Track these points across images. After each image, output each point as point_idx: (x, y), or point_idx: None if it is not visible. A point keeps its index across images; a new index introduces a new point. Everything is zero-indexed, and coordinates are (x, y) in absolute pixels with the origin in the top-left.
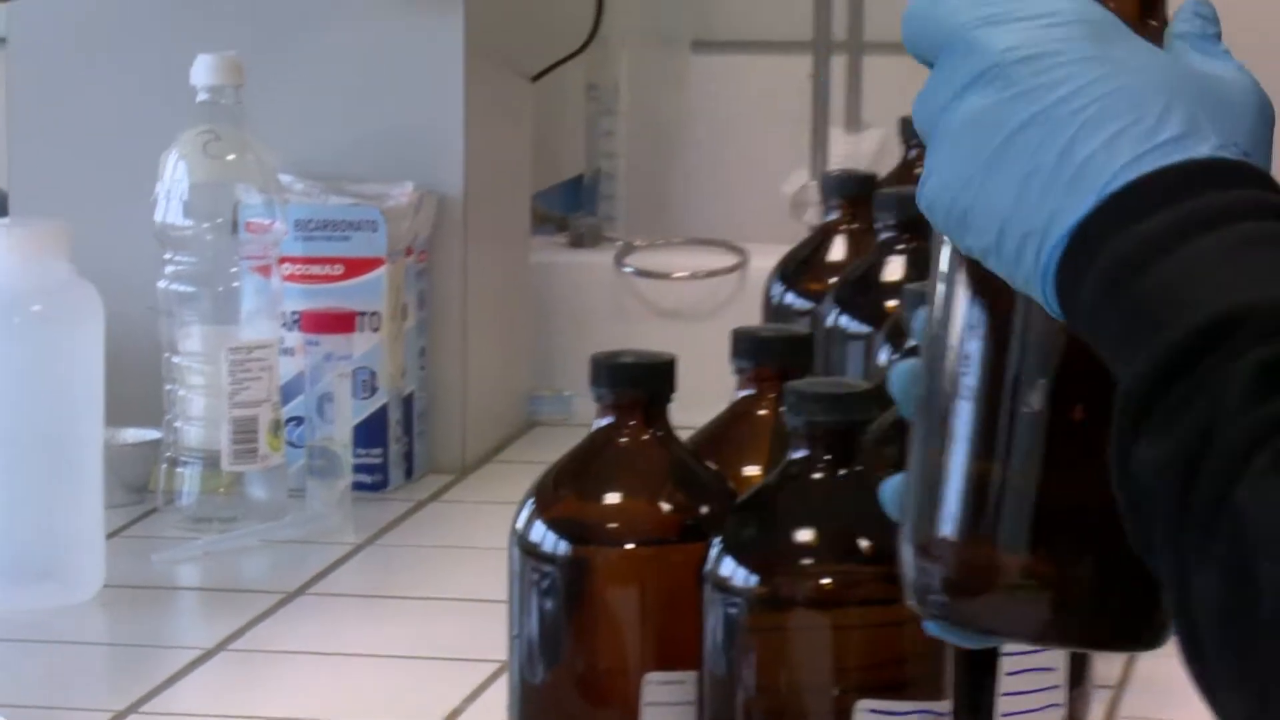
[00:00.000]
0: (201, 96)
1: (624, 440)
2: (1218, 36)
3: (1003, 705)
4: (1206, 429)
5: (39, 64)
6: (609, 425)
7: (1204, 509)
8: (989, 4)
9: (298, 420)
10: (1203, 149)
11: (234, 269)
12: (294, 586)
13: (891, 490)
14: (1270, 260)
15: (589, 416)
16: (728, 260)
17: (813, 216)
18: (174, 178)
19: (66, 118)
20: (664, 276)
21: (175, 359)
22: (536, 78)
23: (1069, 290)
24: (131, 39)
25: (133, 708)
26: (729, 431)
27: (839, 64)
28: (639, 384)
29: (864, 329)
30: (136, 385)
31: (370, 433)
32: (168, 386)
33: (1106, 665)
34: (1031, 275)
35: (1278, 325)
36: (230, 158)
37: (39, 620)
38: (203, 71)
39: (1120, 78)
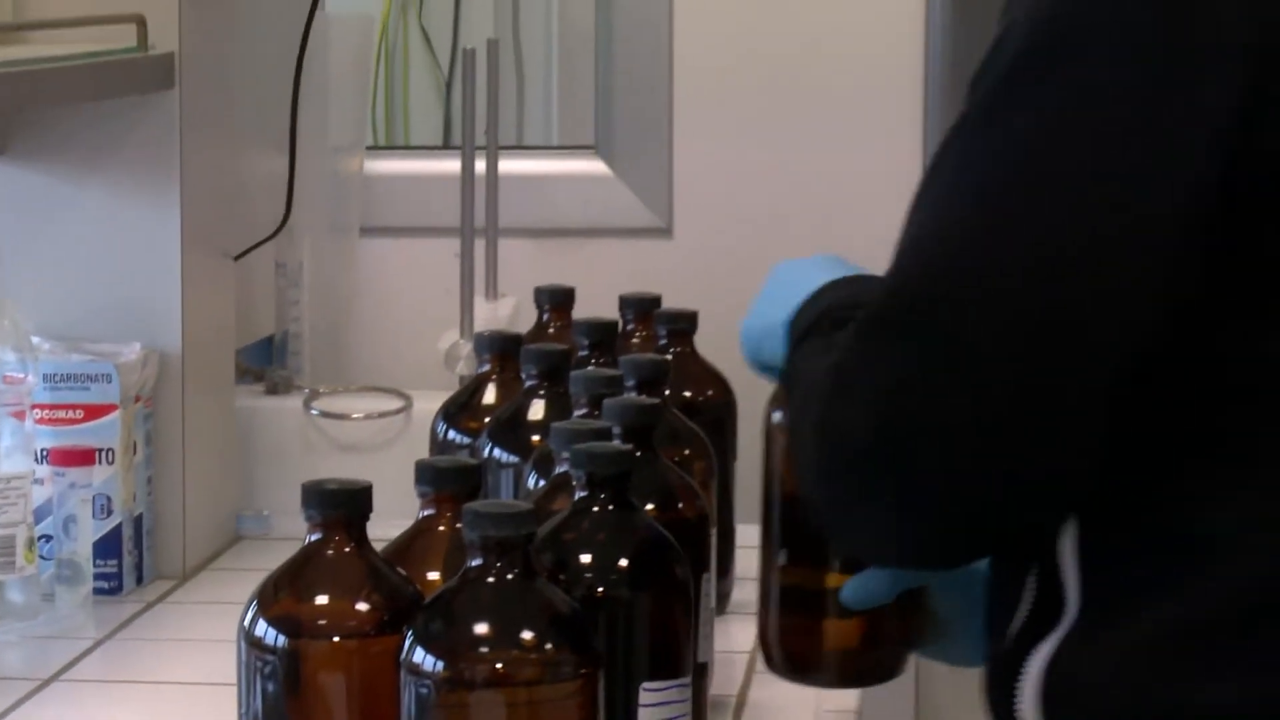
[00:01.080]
0: None
1: (330, 552)
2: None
3: None
4: (793, 360)
5: None
6: (318, 540)
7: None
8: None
9: (47, 537)
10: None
11: None
12: (48, 674)
13: None
14: (849, 291)
15: (285, 531)
16: (395, 404)
17: (464, 368)
18: None
19: None
20: (344, 417)
21: None
22: (238, 257)
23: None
24: None
25: None
26: (414, 544)
27: (480, 245)
28: (341, 506)
29: (514, 459)
30: None
31: (107, 546)
32: None
33: None
34: (778, 348)
35: (844, 308)
36: None
37: None
38: None
39: (834, 270)
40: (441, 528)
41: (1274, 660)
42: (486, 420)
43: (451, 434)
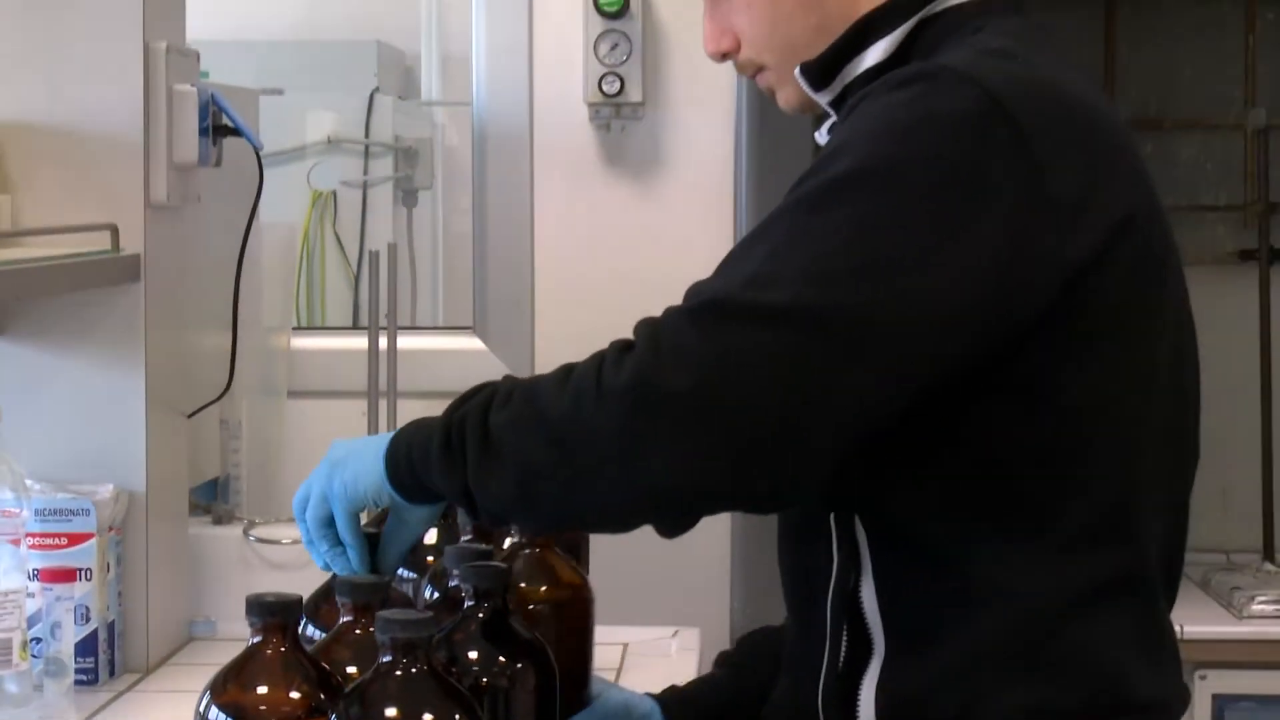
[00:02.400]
0: None
1: (269, 651)
2: None
3: None
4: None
5: None
6: (259, 641)
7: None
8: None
9: (38, 640)
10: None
11: None
12: None
13: None
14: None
15: (229, 634)
16: None
17: None
18: None
19: None
20: (275, 542)
21: None
22: (191, 415)
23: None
24: None
25: None
26: (336, 644)
27: (383, 405)
28: (278, 614)
29: (414, 576)
30: None
31: (86, 647)
32: None
33: None
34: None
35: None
36: None
37: None
38: None
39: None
40: (358, 631)
41: (1052, 674)
42: None
43: None
